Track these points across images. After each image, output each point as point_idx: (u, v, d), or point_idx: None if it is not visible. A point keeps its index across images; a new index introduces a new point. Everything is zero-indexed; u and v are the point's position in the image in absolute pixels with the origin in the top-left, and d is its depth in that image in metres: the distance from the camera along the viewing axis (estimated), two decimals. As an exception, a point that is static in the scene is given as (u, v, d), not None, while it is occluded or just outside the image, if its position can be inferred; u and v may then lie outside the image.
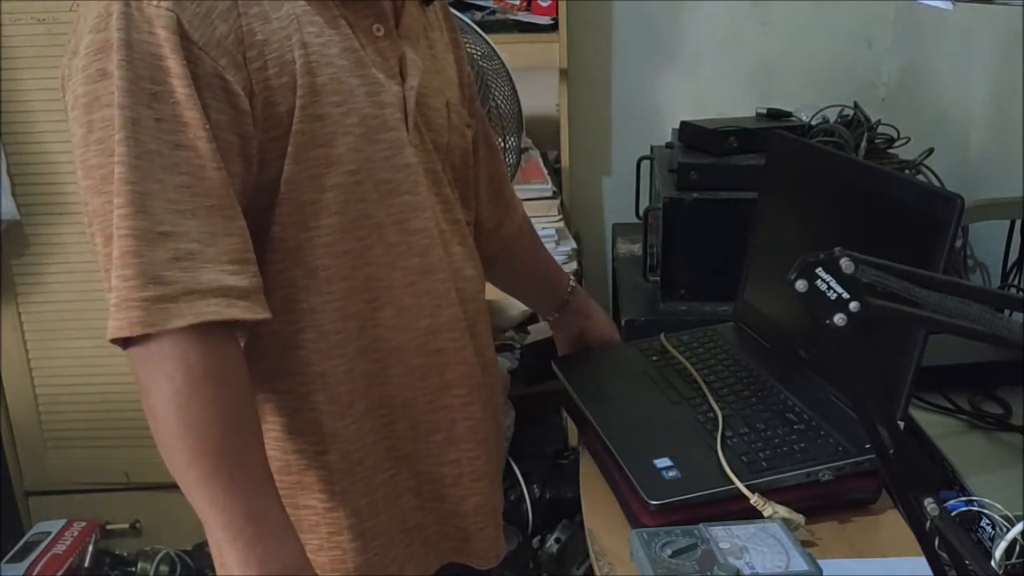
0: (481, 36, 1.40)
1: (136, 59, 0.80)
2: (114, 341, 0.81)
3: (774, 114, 1.86)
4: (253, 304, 0.84)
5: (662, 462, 1.08)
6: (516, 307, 2.45)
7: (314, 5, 0.88)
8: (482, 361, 1.07)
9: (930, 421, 1.25)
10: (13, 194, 2.11)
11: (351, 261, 0.92)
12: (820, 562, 0.95)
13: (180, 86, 0.80)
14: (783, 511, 1.03)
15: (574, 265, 1.98)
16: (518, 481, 2.10)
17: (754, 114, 1.87)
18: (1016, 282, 1.74)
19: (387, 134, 0.92)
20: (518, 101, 1.46)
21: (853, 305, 0.72)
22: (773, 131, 1.46)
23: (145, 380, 0.82)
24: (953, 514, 1.03)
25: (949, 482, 1.14)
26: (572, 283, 1.36)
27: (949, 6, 1.34)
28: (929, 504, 0.76)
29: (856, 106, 1.79)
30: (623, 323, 1.70)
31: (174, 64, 0.80)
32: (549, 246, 1.95)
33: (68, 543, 2.24)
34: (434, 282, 0.98)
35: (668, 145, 1.91)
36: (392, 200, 0.94)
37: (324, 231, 0.90)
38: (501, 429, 1.11)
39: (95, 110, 0.81)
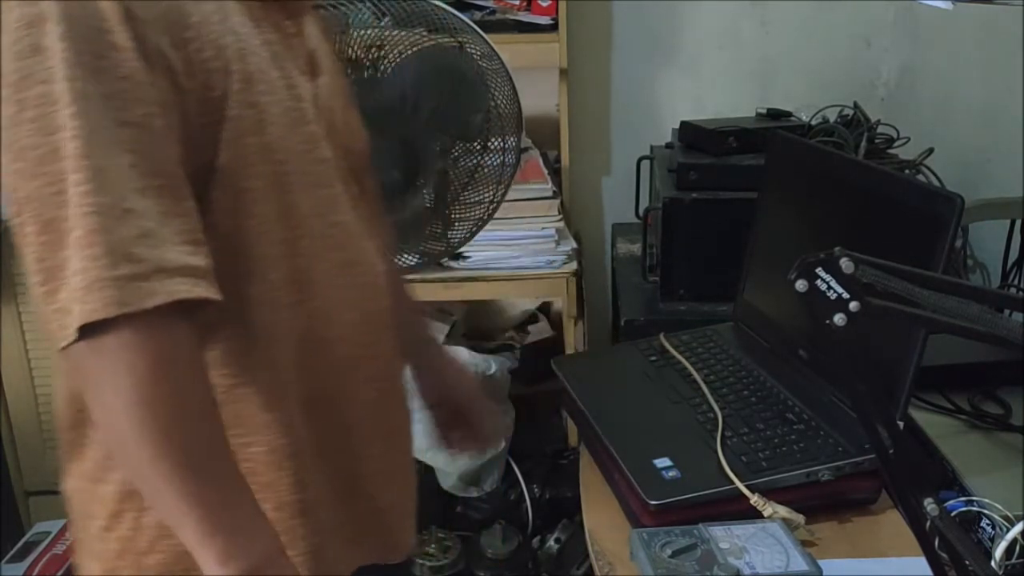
0: (481, 36, 1.40)
1: (78, 33, 0.76)
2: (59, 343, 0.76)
3: (774, 114, 1.86)
4: (212, 284, 0.81)
5: (662, 462, 1.08)
6: (516, 307, 2.45)
7: None
8: (395, 356, 1.06)
9: (930, 421, 1.25)
10: (13, 194, 2.11)
11: (284, 250, 0.91)
12: (820, 562, 0.95)
13: (127, 60, 0.77)
14: (783, 511, 1.03)
15: (574, 265, 1.97)
16: (518, 481, 2.10)
17: (754, 114, 1.87)
18: (1016, 282, 1.74)
19: (306, 127, 0.92)
20: (518, 101, 1.45)
21: (853, 305, 0.72)
22: (773, 131, 1.46)
23: (102, 372, 0.77)
24: (953, 514, 1.03)
25: (949, 482, 1.14)
26: (433, 336, 1.30)
27: (949, 6, 1.34)
28: (929, 504, 0.76)
29: (856, 106, 1.79)
30: (623, 323, 1.70)
31: (120, 39, 0.77)
32: (549, 246, 1.95)
33: (68, 543, 2.24)
34: (356, 276, 0.98)
35: (668, 145, 1.91)
36: (315, 192, 0.93)
37: (258, 219, 0.88)
38: (411, 422, 1.11)
39: (28, 87, 0.76)
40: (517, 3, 2.08)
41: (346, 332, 0.97)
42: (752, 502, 1.03)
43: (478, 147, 1.47)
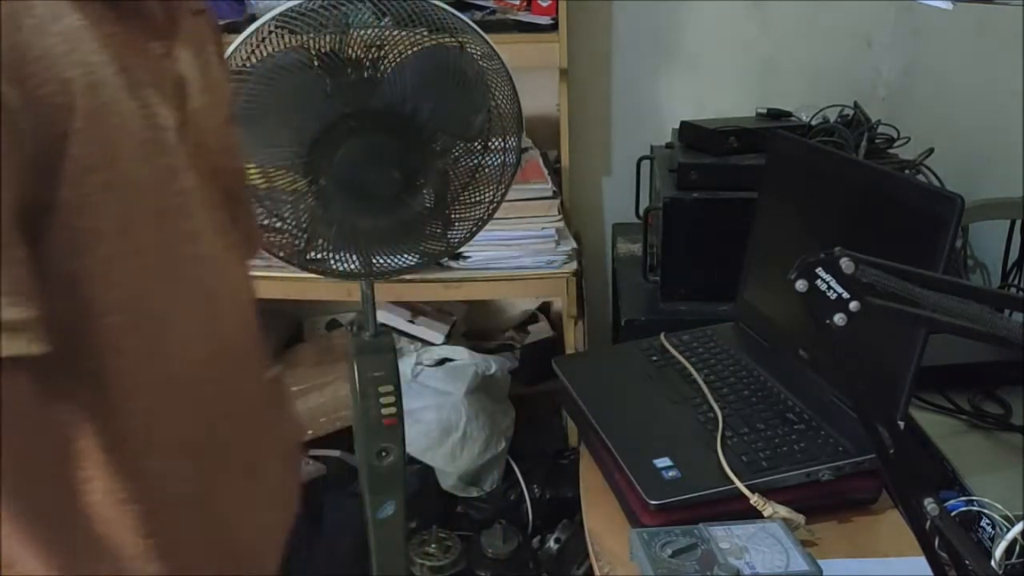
0: (481, 36, 1.39)
1: None
2: None
3: (774, 114, 1.86)
4: (39, 337, 0.78)
5: (662, 462, 1.08)
6: (516, 307, 2.45)
7: (90, 22, 0.82)
8: (263, 389, 1.04)
9: (930, 421, 1.25)
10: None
11: (127, 293, 0.87)
12: (820, 562, 0.95)
13: None
14: (783, 511, 1.03)
15: (574, 265, 1.98)
16: (518, 481, 2.10)
17: (754, 114, 1.87)
18: (1016, 282, 1.74)
19: (164, 159, 0.88)
20: (518, 101, 1.45)
21: (853, 305, 0.72)
22: (773, 131, 1.46)
23: None
24: (953, 514, 1.03)
25: (949, 482, 1.14)
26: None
27: (949, 6, 1.34)
28: (929, 504, 0.76)
29: (856, 106, 1.79)
30: (624, 323, 1.70)
31: None
32: (549, 246, 1.95)
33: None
34: (214, 310, 0.95)
35: (668, 145, 1.91)
36: (169, 227, 0.89)
37: (102, 260, 0.84)
38: (287, 449, 1.09)
39: None
40: (517, 3, 2.08)
41: (202, 369, 0.93)
42: (752, 502, 1.03)
43: (478, 147, 1.47)
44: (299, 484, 1.13)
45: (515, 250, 1.95)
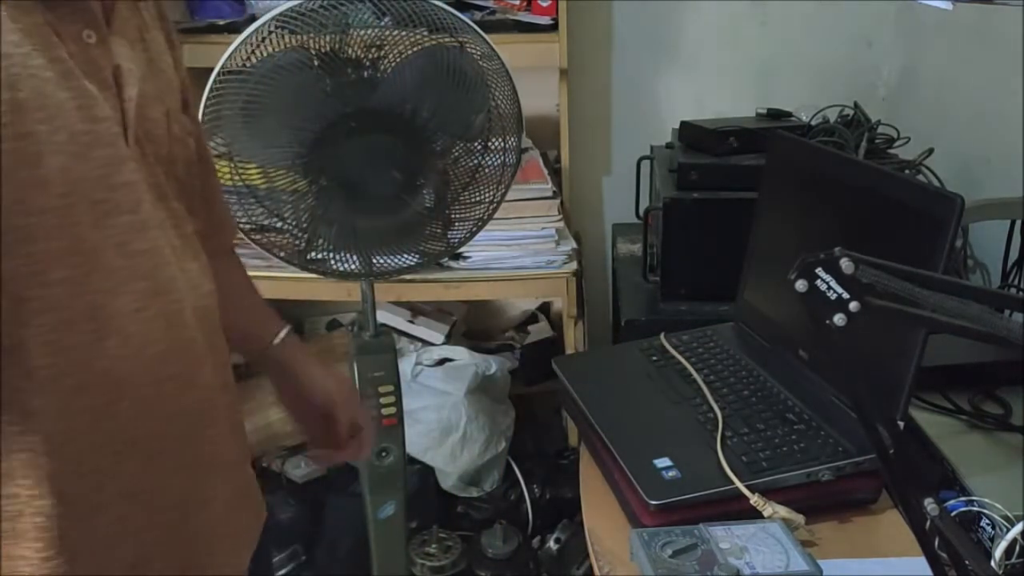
0: (481, 36, 1.40)
1: None
2: None
3: (774, 114, 1.86)
4: None
5: (662, 462, 1.08)
6: (516, 307, 2.45)
7: (14, 12, 0.80)
8: (221, 381, 1.01)
9: (930, 421, 1.25)
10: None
11: (67, 290, 0.84)
12: (820, 562, 0.95)
13: None
14: (783, 511, 1.03)
15: (574, 265, 1.98)
16: (518, 481, 2.10)
17: (754, 114, 1.87)
18: (1016, 282, 1.74)
19: (102, 151, 0.85)
20: (518, 101, 1.45)
21: (853, 305, 0.72)
22: (773, 131, 1.46)
23: None
24: (953, 514, 1.03)
25: (949, 482, 1.14)
26: (284, 334, 1.23)
27: (949, 6, 1.34)
28: (929, 504, 0.76)
29: (856, 106, 1.79)
30: (624, 323, 1.70)
31: None
32: (549, 246, 1.96)
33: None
34: (165, 304, 0.92)
35: (668, 145, 1.91)
36: (111, 221, 0.87)
37: (34, 259, 0.82)
38: (244, 447, 1.06)
39: None
40: (517, 3, 2.08)
41: (150, 366, 0.91)
42: (752, 502, 1.03)
43: (478, 147, 1.47)
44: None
45: (515, 250, 1.95)
